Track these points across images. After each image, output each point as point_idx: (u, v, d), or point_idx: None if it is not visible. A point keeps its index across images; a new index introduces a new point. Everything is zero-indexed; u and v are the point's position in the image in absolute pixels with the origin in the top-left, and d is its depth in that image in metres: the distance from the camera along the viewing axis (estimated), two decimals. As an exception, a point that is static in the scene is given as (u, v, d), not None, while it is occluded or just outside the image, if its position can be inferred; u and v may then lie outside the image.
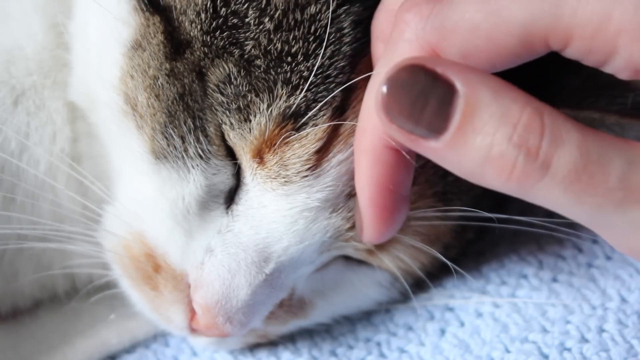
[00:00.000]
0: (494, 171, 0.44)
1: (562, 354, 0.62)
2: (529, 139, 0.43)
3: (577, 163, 0.43)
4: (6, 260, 0.65)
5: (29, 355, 0.67)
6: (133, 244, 0.60)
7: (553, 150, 0.43)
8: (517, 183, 0.44)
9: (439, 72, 0.45)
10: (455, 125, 0.44)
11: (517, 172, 0.44)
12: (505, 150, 0.44)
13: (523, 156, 0.43)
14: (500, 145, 0.44)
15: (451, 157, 0.45)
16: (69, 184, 0.64)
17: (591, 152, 0.44)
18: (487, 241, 0.71)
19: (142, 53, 0.57)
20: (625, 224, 0.44)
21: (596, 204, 0.44)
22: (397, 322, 0.68)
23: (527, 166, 0.44)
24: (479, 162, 0.44)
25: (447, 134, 0.45)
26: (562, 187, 0.44)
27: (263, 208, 0.57)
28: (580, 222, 0.46)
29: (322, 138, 0.55)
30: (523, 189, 0.44)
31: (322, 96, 0.55)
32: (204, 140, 0.56)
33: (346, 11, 0.55)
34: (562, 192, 0.44)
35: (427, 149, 0.46)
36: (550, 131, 0.44)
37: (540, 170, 0.44)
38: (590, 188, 0.43)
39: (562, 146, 0.43)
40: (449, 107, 0.44)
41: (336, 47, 0.55)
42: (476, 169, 0.45)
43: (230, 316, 0.58)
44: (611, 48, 0.44)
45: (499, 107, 0.44)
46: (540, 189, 0.44)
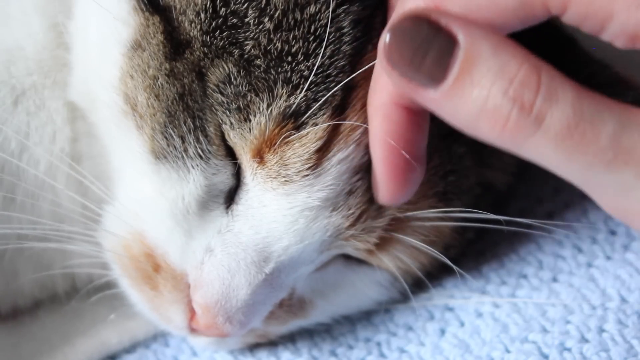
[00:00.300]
0: (488, 123, 0.45)
1: (562, 354, 0.62)
2: (524, 94, 0.44)
3: (570, 120, 0.44)
4: (6, 260, 0.65)
5: (29, 355, 0.67)
6: (133, 243, 0.60)
7: (547, 106, 0.44)
8: (510, 136, 0.45)
9: (442, 23, 0.46)
10: (453, 76, 0.46)
11: (510, 126, 0.45)
12: (500, 103, 0.45)
13: (517, 110, 0.45)
14: (495, 98, 0.45)
15: (448, 107, 0.46)
16: (69, 183, 0.64)
17: (584, 111, 0.44)
18: (487, 241, 0.71)
19: (142, 53, 0.57)
20: (613, 184, 0.45)
21: (586, 162, 0.45)
22: (397, 322, 0.68)
23: (520, 120, 0.45)
24: (474, 114, 0.45)
25: (446, 84, 0.46)
26: (553, 143, 0.45)
27: (263, 207, 0.57)
28: (570, 180, 0.47)
29: (322, 137, 0.55)
30: (515, 143, 0.46)
31: (322, 95, 0.55)
32: (204, 140, 0.56)
33: (345, 10, 0.55)
34: (553, 149, 0.45)
35: (425, 97, 0.47)
36: (545, 88, 0.45)
37: (533, 125, 0.45)
38: (581, 146, 0.44)
39: (556, 103, 0.44)
40: (449, 58, 0.46)
41: (336, 47, 0.55)
42: (471, 120, 0.46)
43: (230, 316, 0.58)
44: (607, 14, 0.45)
45: (497, 61, 0.45)
46: (532, 144, 0.45)
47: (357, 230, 0.59)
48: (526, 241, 0.70)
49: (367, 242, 0.60)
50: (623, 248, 0.68)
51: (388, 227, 0.60)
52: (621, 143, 0.44)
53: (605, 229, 0.70)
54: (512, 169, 0.69)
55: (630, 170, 0.44)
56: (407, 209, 0.60)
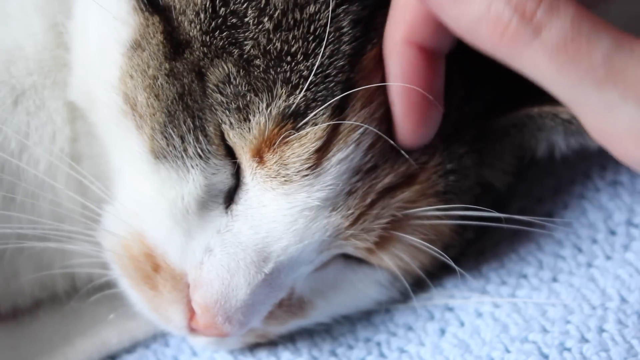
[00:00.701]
0: (488, 29, 0.47)
1: (562, 354, 0.62)
2: (526, 4, 0.46)
3: (567, 34, 0.46)
4: (6, 259, 0.65)
5: (29, 355, 0.67)
6: (132, 243, 0.60)
7: (547, 18, 0.46)
8: (507, 43, 0.47)
9: None
10: None
11: (509, 33, 0.47)
12: (502, 10, 0.46)
13: (517, 18, 0.46)
14: (498, 5, 0.46)
15: (451, 10, 0.48)
16: (69, 183, 0.64)
17: (582, 28, 0.46)
18: (487, 241, 0.71)
19: (142, 53, 0.57)
20: (601, 102, 0.47)
21: (577, 77, 0.46)
22: (397, 322, 0.68)
23: (519, 28, 0.46)
24: (476, 19, 0.47)
25: None
26: (548, 54, 0.46)
27: (263, 207, 0.57)
28: (558, 95, 0.48)
29: (321, 137, 0.55)
30: (511, 51, 0.47)
31: (321, 95, 0.55)
32: (204, 139, 0.56)
33: (345, 10, 0.55)
34: (547, 60, 0.46)
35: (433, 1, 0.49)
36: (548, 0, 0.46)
37: (532, 34, 0.46)
38: (575, 61, 0.46)
39: (556, 16, 0.46)
40: None
41: (335, 47, 0.55)
42: (472, 25, 0.48)
43: (229, 316, 0.58)
44: None
45: None
46: (527, 53, 0.47)
47: (357, 230, 0.59)
48: (526, 241, 0.70)
49: (367, 241, 0.60)
50: (623, 248, 0.68)
51: (388, 226, 0.60)
52: (613, 63, 0.46)
53: (605, 229, 0.70)
54: (512, 169, 0.69)
55: (617, 90, 0.46)
56: (406, 207, 0.60)
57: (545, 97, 0.56)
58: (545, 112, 0.62)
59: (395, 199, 0.59)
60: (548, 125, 0.63)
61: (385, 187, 0.59)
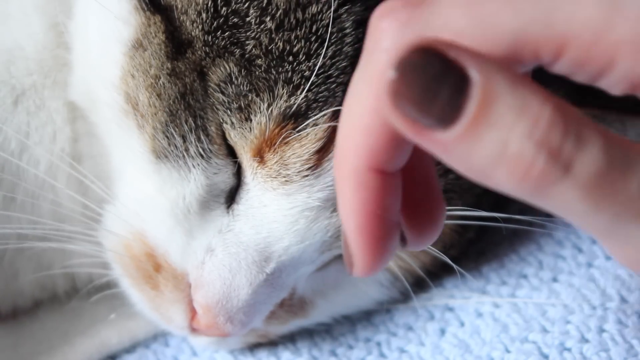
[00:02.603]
0: (508, 169, 0.40)
1: (562, 354, 0.62)
2: (551, 137, 0.39)
3: (601, 167, 0.40)
4: (6, 260, 0.65)
5: (29, 355, 0.67)
6: (133, 243, 0.60)
7: (576, 151, 0.39)
8: (534, 185, 0.40)
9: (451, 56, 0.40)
10: (468, 117, 0.40)
11: (534, 173, 0.39)
12: (523, 147, 0.39)
13: (544, 155, 0.39)
14: (518, 142, 0.39)
15: (460, 152, 0.41)
16: (70, 183, 0.64)
17: (614, 157, 0.40)
18: (487, 241, 0.71)
19: (143, 52, 0.57)
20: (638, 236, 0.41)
21: (615, 212, 0.40)
22: (397, 322, 0.68)
23: (547, 166, 0.39)
24: (492, 160, 0.40)
25: (459, 126, 0.40)
26: (581, 192, 0.40)
27: (264, 207, 0.57)
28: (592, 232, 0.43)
29: (322, 138, 0.55)
30: (538, 192, 0.40)
31: (323, 96, 0.55)
32: (205, 139, 0.56)
33: (347, 11, 0.55)
34: (581, 198, 0.40)
35: (433, 141, 0.41)
36: (574, 129, 0.40)
37: (561, 172, 0.39)
38: (611, 196, 0.40)
39: (585, 148, 0.40)
40: (462, 96, 0.40)
41: (338, 47, 0.55)
42: (487, 166, 0.40)
43: (230, 316, 0.58)
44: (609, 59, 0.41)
45: (517, 99, 0.40)
46: (557, 193, 0.40)
47: None
48: (526, 241, 0.70)
49: None
50: (623, 248, 0.68)
51: None
52: None
53: (605, 229, 0.70)
54: None
55: None
56: None
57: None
58: None
59: None
60: None
61: None
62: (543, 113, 0.39)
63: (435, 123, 0.40)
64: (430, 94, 0.40)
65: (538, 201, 0.41)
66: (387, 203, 0.46)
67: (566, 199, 0.40)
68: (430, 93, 0.40)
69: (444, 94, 0.40)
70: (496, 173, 0.40)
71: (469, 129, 0.40)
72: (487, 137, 0.40)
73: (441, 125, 0.40)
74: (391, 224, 0.47)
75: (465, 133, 0.40)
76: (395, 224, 0.48)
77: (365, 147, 0.45)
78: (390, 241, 0.47)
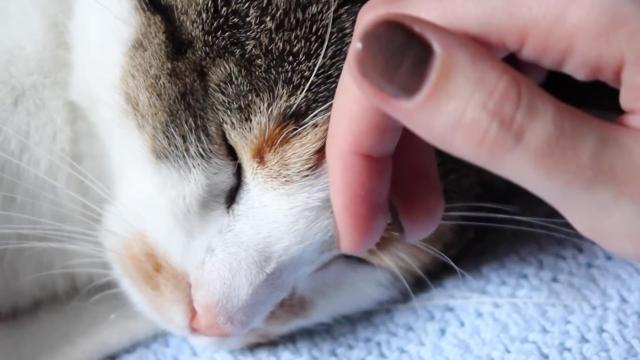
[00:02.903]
0: (465, 137, 0.43)
1: (562, 354, 0.62)
2: (504, 107, 0.42)
3: (551, 136, 0.42)
4: (6, 260, 0.65)
5: (29, 355, 0.67)
6: (134, 243, 0.60)
7: (528, 121, 0.42)
8: (488, 151, 0.43)
9: (416, 30, 0.43)
10: (429, 87, 0.43)
11: (488, 140, 0.43)
12: (478, 116, 0.42)
13: (497, 124, 0.42)
14: (473, 111, 0.43)
15: (421, 119, 0.44)
16: (70, 183, 0.64)
17: (565, 127, 0.43)
18: (487, 241, 0.71)
19: (144, 52, 0.57)
20: (591, 204, 0.43)
21: (565, 180, 0.43)
22: (397, 322, 0.68)
23: (499, 135, 0.42)
24: (450, 127, 0.43)
25: (420, 95, 0.43)
26: (533, 159, 0.43)
27: (264, 207, 0.57)
28: (546, 199, 0.45)
29: (322, 138, 0.55)
30: (492, 159, 0.43)
31: (322, 96, 0.55)
32: (205, 139, 0.56)
33: (348, 11, 0.55)
34: (532, 166, 0.43)
35: (397, 109, 0.44)
36: (526, 101, 0.43)
37: (513, 140, 0.42)
38: (561, 164, 0.43)
39: (537, 118, 0.42)
40: (424, 68, 0.43)
41: (338, 47, 0.55)
42: (446, 133, 0.43)
43: (231, 316, 0.58)
44: (567, 46, 0.44)
45: (475, 71, 0.43)
46: (510, 160, 0.43)
47: None
48: (527, 241, 0.70)
49: None
50: (623, 248, 0.68)
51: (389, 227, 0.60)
52: (600, 161, 0.43)
53: (605, 229, 0.70)
54: None
55: (608, 190, 0.43)
56: None
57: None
58: None
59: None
60: None
61: None
62: (498, 85, 0.42)
63: (398, 92, 0.43)
64: (394, 64, 0.43)
65: (494, 168, 0.44)
66: (371, 186, 0.50)
67: (519, 166, 0.43)
68: (394, 63, 0.43)
69: (407, 64, 0.43)
70: (455, 140, 0.43)
71: (430, 98, 0.43)
72: (446, 106, 0.43)
73: (404, 94, 0.43)
74: (376, 206, 0.50)
75: (426, 101, 0.43)
76: (381, 207, 0.51)
77: (350, 132, 0.49)
78: (375, 222, 0.51)
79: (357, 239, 0.51)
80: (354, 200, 0.50)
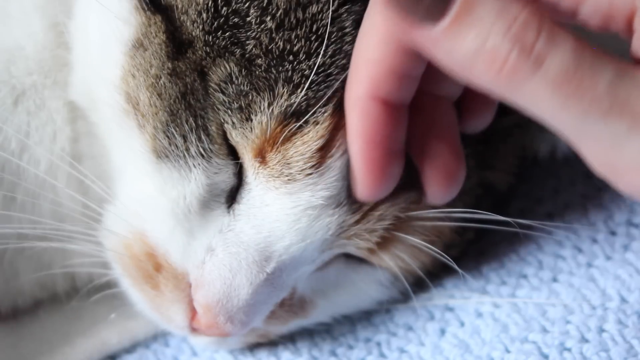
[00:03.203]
0: (485, 64, 0.44)
1: (562, 354, 0.62)
2: (525, 36, 0.44)
3: (570, 65, 0.44)
4: (6, 259, 0.65)
5: (29, 355, 0.67)
6: (134, 243, 0.60)
7: (548, 49, 0.44)
8: (507, 78, 0.44)
9: None
10: (453, 13, 0.45)
11: (508, 67, 0.44)
12: (499, 44, 0.44)
13: (517, 51, 0.44)
14: (495, 39, 0.44)
15: (444, 47, 0.45)
16: (70, 183, 0.64)
17: (584, 57, 0.44)
18: (487, 241, 0.71)
19: (144, 52, 0.57)
20: (607, 135, 0.44)
21: (582, 110, 0.44)
22: (397, 322, 0.68)
23: (519, 61, 0.44)
24: (471, 54, 0.45)
25: (444, 22, 0.45)
26: (551, 87, 0.44)
27: (265, 207, 0.57)
28: (561, 130, 0.46)
29: (324, 135, 0.55)
30: (511, 86, 0.45)
31: (323, 94, 0.55)
32: (206, 139, 0.56)
33: (347, 10, 0.55)
34: (550, 93, 0.44)
35: (421, 36, 0.46)
36: (547, 31, 0.44)
37: (532, 67, 0.44)
38: (579, 93, 0.44)
39: (556, 47, 0.44)
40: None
41: (337, 46, 0.55)
42: (468, 61, 0.45)
43: (231, 315, 0.58)
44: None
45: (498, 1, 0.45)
46: (528, 88, 0.44)
47: (360, 229, 0.59)
48: (526, 241, 0.70)
49: (368, 241, 0.60)
50: (623, 248, 0.68)
51: (390, 227, 0.60)
52: (617, 93, 0.44)
53: (605, 229, 0.70)
54: (513, 170, 0.69)
55: (624, 121, 0.44)
56: (409, 208, 0.60)
57: None
58: None
59: (399, 199, 0.59)
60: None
61: None
62: (520, 15, 0.44)
63: (423, 18, 0.45)
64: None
65: (512, 96, 0.45)
66: (387, 132, 0.52)
67: (537, 94, 0.44)
68: None
69: None
70: (475, 67, 0.45)
71: (453, 25, 0.45)
72: (469, 33, 0.44)
73: (429, 20, 0.45)
74: (391, 153, 0.53)
75: (449, 28, 0.45)
76: (396, 154, 0.54)
77: (368, 77, 0.52)
78: (390, 168, 0.54)
79: (372, 184, 0.54)
80: (369, 145, 0.53)
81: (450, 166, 0.56)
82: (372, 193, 0.55)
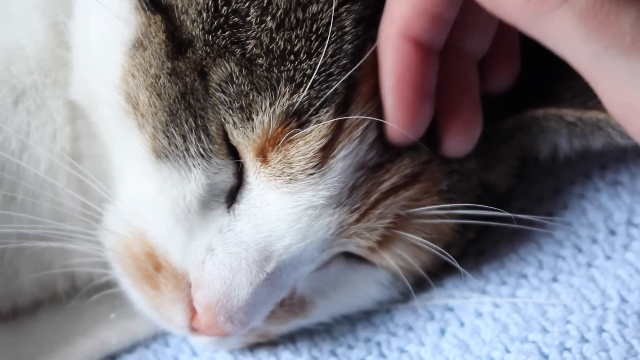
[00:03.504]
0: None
1: (562, 354, 0.62)
2: None
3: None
4: (6, 259, 0.65)
5: (29, 355, 0.67)
6: (134, 242, 0.60)
7: None
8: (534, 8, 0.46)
9: None
10: None
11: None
12: None
13: None
14: None
15: None
16: (70, 182, 0.64)
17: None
18: (487, 241, 0.71)
19: (144, 52, 0.57)
20: (626, 71, 0.46)
21: (604, 44, 0.45)
22: (397, 322, 0.68)
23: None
24: None
25: None
26: (576, 19, 0.45)
27: (266, 206, 0.57)
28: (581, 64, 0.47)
29: (326, 135, 0.55)
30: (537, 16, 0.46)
31: (325, 93, 0.55)
32: (206, 139, 0.56)
33: (347, 10, 0.55)
34: (575, 25, 0.45)
35: None
36: None
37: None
38: (603, 26, 0.45)
39: None
40: None
41: (338, 46, 0.55)
42: None
43: (231, 315, 0.58)
44: None
45: None
46: (554, 19, 0.45)
47: (360, 228, 0.59)
48: (526, 241, 0.70)
49: (369, 239, 0.60)
50: (623, 248, 0.68)
51: (391, 225, 0.60)
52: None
53: (605, 229, 0.70)
54: (514, 171, 0.69)
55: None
56: (410, 205, 0.60)
57: (549, 99, 0.56)
58: (550, 114, 0.62)
59: (399, 197, 0.59)
60: (553, 127, 0.63)
61: (390, 187, 0.59)
62: None
63: None
64: None
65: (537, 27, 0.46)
66: (417, 70, 0.54)
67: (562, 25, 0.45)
68: None
69: None
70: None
71: None
72: None
73: None
74: (422, 92, 0.55)
75: None
76: (426, 94, 0.55)
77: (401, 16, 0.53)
78: (421, 108, 0.55)
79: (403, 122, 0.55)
80: (400, 82, 0.54)
81: (470, 120, 0.57)
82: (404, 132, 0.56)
